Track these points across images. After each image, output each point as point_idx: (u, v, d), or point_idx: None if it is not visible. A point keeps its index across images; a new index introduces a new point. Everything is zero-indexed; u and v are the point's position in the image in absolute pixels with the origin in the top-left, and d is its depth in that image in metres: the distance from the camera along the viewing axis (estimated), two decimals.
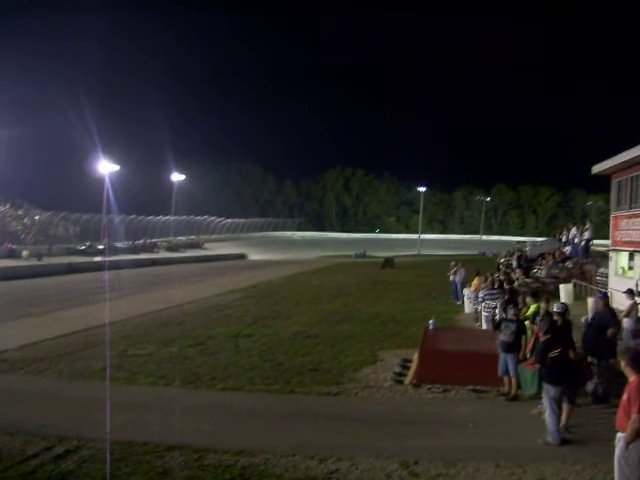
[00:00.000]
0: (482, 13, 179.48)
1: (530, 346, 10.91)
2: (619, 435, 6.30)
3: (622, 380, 6.99)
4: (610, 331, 10.78)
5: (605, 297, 11.97)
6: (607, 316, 11.21)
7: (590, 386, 10.60)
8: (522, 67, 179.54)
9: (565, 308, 10.51)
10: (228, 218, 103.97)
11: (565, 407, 8.92)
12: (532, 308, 12.53)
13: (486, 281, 18.79)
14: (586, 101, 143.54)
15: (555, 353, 8.80)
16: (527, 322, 11.78)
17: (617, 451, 6.31)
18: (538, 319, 11.15)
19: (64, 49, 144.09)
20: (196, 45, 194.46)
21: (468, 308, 21.09)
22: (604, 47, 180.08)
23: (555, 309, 10.59)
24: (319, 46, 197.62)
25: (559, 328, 9.49)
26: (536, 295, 13.57)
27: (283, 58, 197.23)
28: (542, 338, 10.20)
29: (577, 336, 11.07)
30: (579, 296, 21.82)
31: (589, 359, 10.76)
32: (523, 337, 11.02)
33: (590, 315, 15.99)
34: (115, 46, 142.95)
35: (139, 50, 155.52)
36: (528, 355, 10.88)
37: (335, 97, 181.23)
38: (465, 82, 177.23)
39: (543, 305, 12.03)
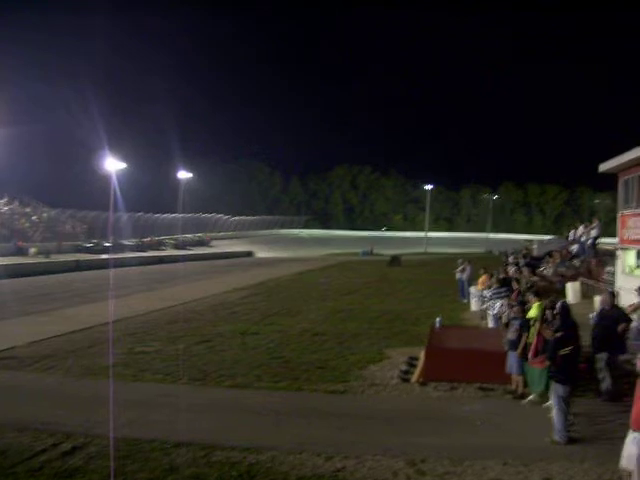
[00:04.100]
0: (487, 9, 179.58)
1: (533, 348, 10.68)
2: (637, 435, 6.21)
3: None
4: (621, 327, 10.74)
5: (613, 294, 11.90)
6: (616, 313, 11.16)
7: (605, 384, 10.58)
8: (529, 66, 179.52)
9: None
10: (235, 216, 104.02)
11: None
12: (535, 307, 12.46)
13: (491, 279, 18.77)
14: (593, 99, 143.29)
15: (566, 351, 8.77)
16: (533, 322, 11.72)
17: (635, 450, 6.21)
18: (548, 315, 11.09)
19: (72, 47, 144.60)
20: (204, 43, 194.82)
21: (475, 306, 21.06)
22: (612, 45, 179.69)
23: (558, 307, 10.56)
24: (326, 44, 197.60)
25: (570, 326, 9.44)
26: (539, 294, 13.48)
27: (291, 57, 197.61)
28: (547, 335, 10.16)
29: (586, 334, 11.05)
30: (586, 294, 21.73)
31: (599, 356, 10.74)
32: (524, 335, 10.97)
33: (596, 312, 15.95)
34: (122, 44, 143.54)
35: (147, 48, 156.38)
36: (531, 358, 10.71)
37: (342, 95, 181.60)
38: (472, 80, 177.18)
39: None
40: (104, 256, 50.31)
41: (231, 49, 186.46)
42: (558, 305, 10.30)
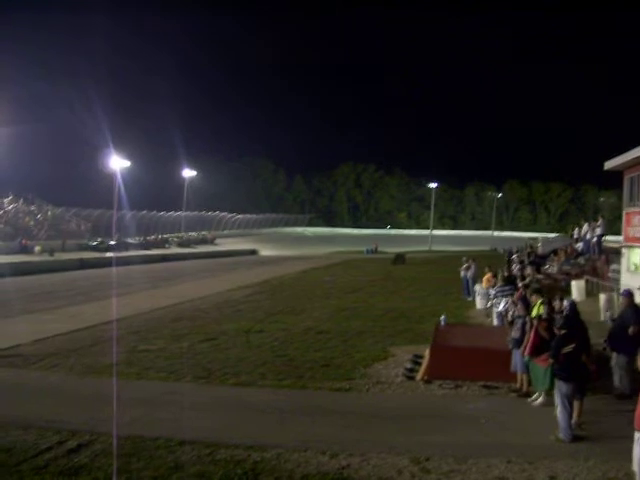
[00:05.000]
0: (487, 9, 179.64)
1: (530, 345, 10.52)
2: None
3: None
4: (631, 329, 10.70)
5: (629, 294, 11.78)
6: (630, 313, 11.12)
7: (617, 381, 10.57)
8: (529, 66, 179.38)
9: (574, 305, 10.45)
10: (239, 214, 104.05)
11: (575, 404, 8.88)
12: (538, 305, 12.40)
13: (495, 277, 18.75)
14: (599, 96, 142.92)
15: (569, 349, 8.74)
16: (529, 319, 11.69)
17: (638, 451, 6.13)
18: (544, 314, 11.05)
19: (73, 47, 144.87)
20: (208, 41, 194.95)
21: (479, 304, 21.04)
22: (612, 45, 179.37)
23: (565, 305, 10.52)
24: (331, 43, 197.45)
25: (575, 324, 9.40)
26: (541, 292, 13.40)
27: (295, 55, 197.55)
28: (542, 332, 10.14)
29: (595, 332, 11.03)
30: (591, 293, 21.68)
31: (613, 354, 10.74)
32: (527, 334, 10.93)
33: (606, 311, 15.95)
34: (124, 44, 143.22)
35: (149, 48, 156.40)
36: (527, 358, 10.60)
37: (346, 93, 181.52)
38: (477, 78, 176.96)
39: (557, 303, 11.93)
40: (108, 254, 50.48)
41: (232, 49, 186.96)
42: (566, 303, 10.27)
